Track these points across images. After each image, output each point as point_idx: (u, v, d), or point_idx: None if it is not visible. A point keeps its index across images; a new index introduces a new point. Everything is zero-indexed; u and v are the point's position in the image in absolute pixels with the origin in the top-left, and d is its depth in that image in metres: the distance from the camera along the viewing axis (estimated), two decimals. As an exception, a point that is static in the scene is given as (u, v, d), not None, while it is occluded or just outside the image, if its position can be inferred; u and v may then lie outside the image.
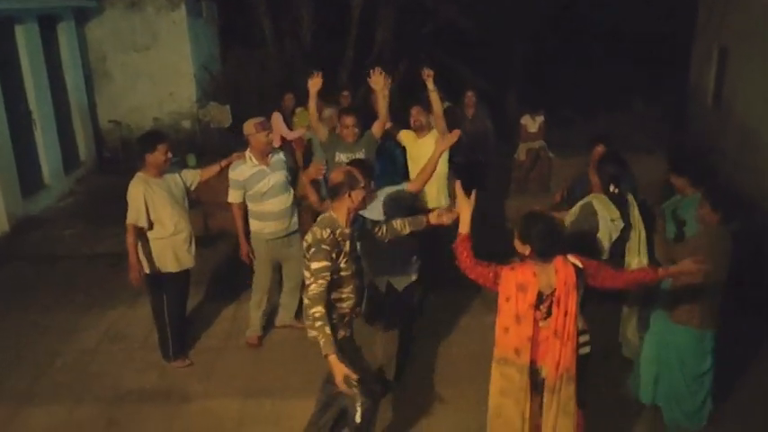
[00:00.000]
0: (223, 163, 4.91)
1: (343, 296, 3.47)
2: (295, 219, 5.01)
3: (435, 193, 5.34)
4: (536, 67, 11.70)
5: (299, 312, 4.83)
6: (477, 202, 3.37)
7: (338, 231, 3.35)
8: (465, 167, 7.59)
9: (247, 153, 4.83)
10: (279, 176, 4.85)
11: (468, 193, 3.40)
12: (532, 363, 3.17)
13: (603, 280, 3.20)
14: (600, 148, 4.92)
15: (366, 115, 5.34)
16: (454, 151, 7.59)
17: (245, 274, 5.36)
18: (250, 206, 4.88)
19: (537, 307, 3.11)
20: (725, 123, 8.38)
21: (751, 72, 7.76)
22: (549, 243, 3.09)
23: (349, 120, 4.97)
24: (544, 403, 3.21)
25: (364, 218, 3.71)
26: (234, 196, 4.88)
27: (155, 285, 4.78)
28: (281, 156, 4.96)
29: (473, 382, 4.27)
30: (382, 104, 4.95)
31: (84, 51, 9.69)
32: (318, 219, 3.44)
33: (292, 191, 4.97)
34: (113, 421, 4.28)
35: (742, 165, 7.52)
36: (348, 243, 3.42)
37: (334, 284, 3.38)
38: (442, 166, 5.41)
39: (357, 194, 3.39)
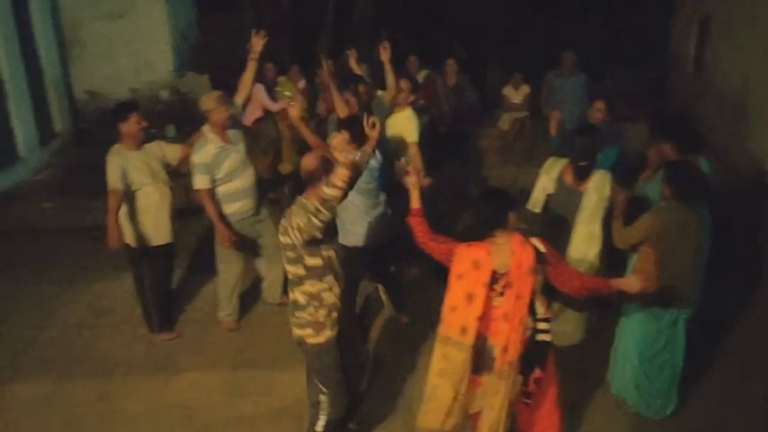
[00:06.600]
0: (189, 143, 4.64)
1: (326, 286, 3.31)
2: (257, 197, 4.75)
3: None
4: (520, 36, 11.63)
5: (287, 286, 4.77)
6: (458, 171, 3.33)
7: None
8: (449, 137, 7.56)
9: (207, 131, 4.48)
10: (241, 151, 4.59)
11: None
12: (480, 341, 3.07)
13: (560, 275, 3.06)
14: (600, 104, 4.96)
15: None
16: (438, 122, 7.60)
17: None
18: (216, 189, 4.53)
19: (491, 286, 3.03)
20: (705, 90, 8.45)
21: (732, 38, 7.82)
22: (497, 220, 3.02)
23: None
24: (489, 386, 3.09)
25: None
26: (202, 182, 4.46)
27: (135, 259, 4.72)
28: (235, 130, 4.62)
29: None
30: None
31: (57, 19, 9.39)
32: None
33: (252, 167, 4.72)
34: (103, 395, 4.28)
35: (722, 130, 7.60)
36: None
37: (316, 273, 3.26)
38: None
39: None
